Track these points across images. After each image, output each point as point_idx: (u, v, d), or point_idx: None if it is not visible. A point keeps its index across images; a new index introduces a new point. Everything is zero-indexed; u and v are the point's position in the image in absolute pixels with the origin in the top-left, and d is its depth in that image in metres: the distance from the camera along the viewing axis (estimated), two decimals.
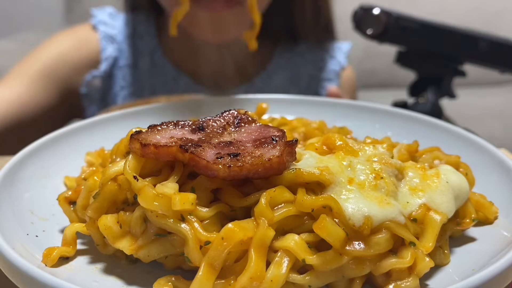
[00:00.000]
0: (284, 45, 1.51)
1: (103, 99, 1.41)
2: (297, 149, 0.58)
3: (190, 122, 0.62)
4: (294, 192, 0.53)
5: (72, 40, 1.41)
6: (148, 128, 0.59)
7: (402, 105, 1.32)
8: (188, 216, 0.51)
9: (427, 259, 0.52)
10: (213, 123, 0.63)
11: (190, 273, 0.52)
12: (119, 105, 1.36)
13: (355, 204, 0.53)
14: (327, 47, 1.55)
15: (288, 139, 0.58)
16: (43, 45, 1.40)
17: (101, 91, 1.40)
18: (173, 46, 1.44)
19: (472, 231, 0.62)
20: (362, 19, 1.23)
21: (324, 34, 1.51)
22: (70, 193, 0.62)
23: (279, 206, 0.52)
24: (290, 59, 1.50)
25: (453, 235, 0.61)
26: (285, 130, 0.61)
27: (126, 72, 1.43)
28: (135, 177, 0.53)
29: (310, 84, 1.49)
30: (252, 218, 0.52)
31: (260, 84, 1.44)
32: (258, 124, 0.64)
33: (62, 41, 1.41)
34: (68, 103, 1.37)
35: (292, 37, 1.50)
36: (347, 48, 1.56)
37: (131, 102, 1.35)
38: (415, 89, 1.35)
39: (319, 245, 0.51)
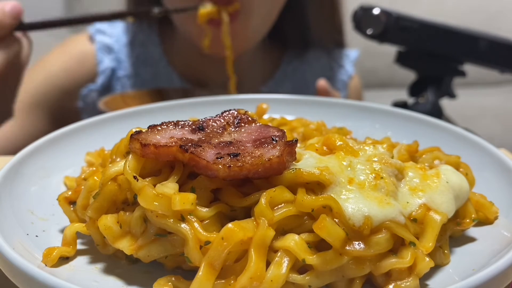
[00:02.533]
0: (293, 52, 1.50)
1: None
2: (297, 149, 0.58)
3: (190, 122, 0.62)
4: (294, 192, 0.53)
5: (65, 61, 1.38)
6: (148, 128, 0.59)
7: (402, 105, 1.32)
8: (188, 216, 0.51)
9: (427, 259, 0.52)
10: (213, 123, 0.63)
11: (190, 273, 0.52)
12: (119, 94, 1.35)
13: (355, 204, 0.53)
14: (335, 55, 1.53)
15: (288, 139, 0.58)
16: (32, 70, 1.36)
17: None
18: (179, 55, 1.43)
19: (472, 231, 0.62)
20: (362, 19, 1.23)
21: (338, 36, 1.50)
22: (70, 193, 0.62)
23: (279, 206, 0.52)
24: (297, 68, 1.49)
25: (453, 235, 0.61)
26: (285, 130, 0.61)
27: (126, 82, 1.42)
28: (135, 177, 0.53)
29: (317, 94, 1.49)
30: (252, 218, 0.52)
31: (268, 93, 1.44)
32: (258, 124, 0.64)
33: (53, 63, 1.38)
34: (63, 118, 1.34)
35: (303, 43, 1.49)
36: (355, 56, 1.55)
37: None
38: (415, 89, 1.35)
39: (319, 245, 0.51)
